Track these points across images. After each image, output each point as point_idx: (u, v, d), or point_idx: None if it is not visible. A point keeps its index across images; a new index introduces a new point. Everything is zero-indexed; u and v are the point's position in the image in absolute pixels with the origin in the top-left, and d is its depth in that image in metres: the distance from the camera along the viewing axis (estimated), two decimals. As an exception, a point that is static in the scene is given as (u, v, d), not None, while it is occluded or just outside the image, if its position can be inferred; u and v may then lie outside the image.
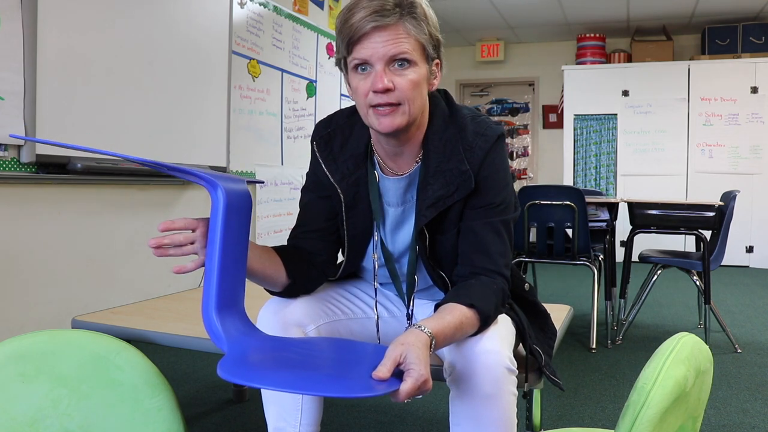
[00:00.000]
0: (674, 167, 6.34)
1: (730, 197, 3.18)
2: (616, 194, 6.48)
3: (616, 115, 6.49)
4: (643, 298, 3.32)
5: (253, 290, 1.21)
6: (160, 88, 3.02)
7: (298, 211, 1.35)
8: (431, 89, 1.20)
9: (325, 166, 1.27)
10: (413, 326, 1.01)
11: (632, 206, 3.28)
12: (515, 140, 7.78)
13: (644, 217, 3.24)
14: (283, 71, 4.17)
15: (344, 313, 1.34)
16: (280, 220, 4.14)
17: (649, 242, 4.62)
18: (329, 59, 4.75)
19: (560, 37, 7.21)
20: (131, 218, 3.02)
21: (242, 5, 3.72)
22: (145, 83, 2.93)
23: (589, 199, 3.23)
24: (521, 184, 7.31)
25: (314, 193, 1.31)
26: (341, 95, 4.95)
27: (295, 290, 1.25)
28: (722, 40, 6.31)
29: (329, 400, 2.02)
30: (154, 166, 0.97)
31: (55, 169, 2.53)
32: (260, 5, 3.90)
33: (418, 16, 1.12)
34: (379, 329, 1.35)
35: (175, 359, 2.78)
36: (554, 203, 3.10)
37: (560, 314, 1.74)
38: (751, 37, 6.21)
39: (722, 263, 3.58)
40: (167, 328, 1.61)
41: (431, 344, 0.99)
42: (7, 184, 2.41)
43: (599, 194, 4.07)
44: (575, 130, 6.65)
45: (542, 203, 3.12)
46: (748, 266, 6.15)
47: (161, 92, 3.03)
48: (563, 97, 6.74)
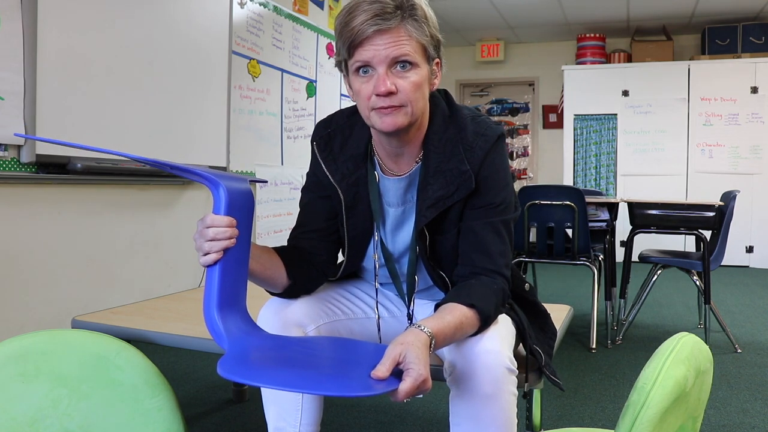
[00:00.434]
0: (674, 167, 6.34)
1: (730, 197, 3.18)
2: (616, 194, 6.48)
3: (616, 115, 6.49)
4: (643, 298, 3.32)
5: (253, 290, 1.21)
6: (160, 88, 3.02)
7: (298, 211, 1.36)
8: (432, 89, 1.20)
9: (325, 166, 1.27)
10: (413, 326, 1.01)
11: (632, 206, 3.28)
12: (515, 140, 7.78)
13: (644, 217, 3.24)
14: (283, 71, 4.17)
15: (344, 313, 1.34)
16: (280, 220, 4.14)
17: (649, 242, 4.63)
18: (329, 59, 4.74)
19: (560, 37, 7.21)
20: (131, 218, 3.02)
21: (242, 5, 3.72)
22: (145, 83, 2.93)
23: (589, 199, 3.23)
24: (521, 184, 7.31)
25: (314, 193, 1.31)
26: (341, 95, 4.95)
27: (295, 291, 1.26)
28: (722, 40, 6.31)
29: (329, 400, 2.02)
30: (156, 165, 0.97)
31: (55, 169, 2.53)
32: (260, 5, 3.90)
33: (418, 17, 1.12)
34: (380, 329, 1.35)
35: (175, 359, 2.78)
36: (554, 203, 3.10)
37: (560, 314, 1.74)
38: (751, 37, 6.21)
39: (722, 263, 3.58)
40: (167, 328, 1.62)
41: (431, 344, 0.99)
42: (7, 184, 2.42)
43: (599, 194, 4.07)
44: (575, 130, 6.65)
45: (542, 203, 3.12)
46: (748, 266, 6.15)
47: (161, 92, 3.03)
48: (563, 97, 6.74)
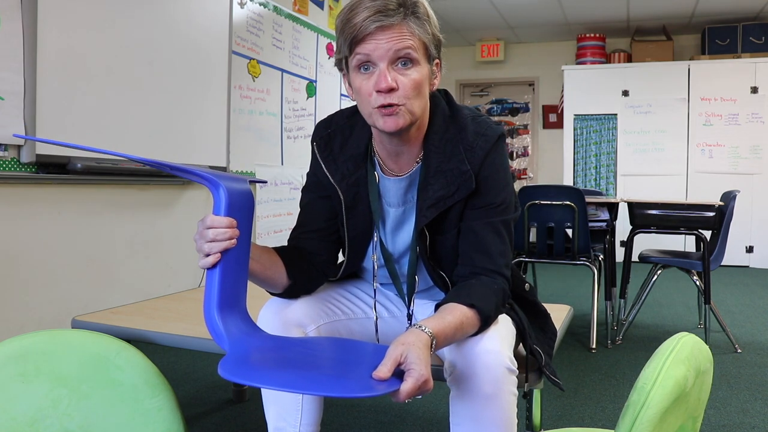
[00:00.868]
0: (674, 167, 6.34)
1: (730, 197, 3.18)
2: (616, 194, 6.48)
3: (616, 115, 6.49)
4: (643, 298, 3.32)
5: (253, 290, 1.21)
6: (160, 88, 3.02)
7: (298, 211, 1.36)
8: (432, 89, 1.20)
9: (325, 166, 1.27)
10: (414, 326, 1.01)
11: (632, 206, 3.28)
12: (515, 140, 7.78)
13: (644, 217, 3.24)
14: (283, 71, 4.17)
15: (344, 313, 1.34)
16: (280, 220, 4.13)
17: (649, 242, 4.63)
18: (329, 59, 4.74)
19: (560, 37, 7.21)
20: (131, 218, 3.02)
21: (242, 5, 3.72)
22: (145, 83, 2.93)
23: (589, 199, 3.23)
24: (521, 184, 7.31)
25: (314, 193, 1.31)
26: (341, 95, 4.95)
27: (295, 291, 1.25)
28: (722, 40, 6.31)
29: (329, 400, 2.02)
30: (156, 165, 0.97)
31: (55, 169, 2.53)
32: (260, 5, 3.90)
33: (420, 15, 1.12)
34: (378, 329, 1.35)
35: (175, 359, 2.78)
36: (554, 203, 3.10)
37: (560, 314, 1.74)
38: (751, 37, 6.21)
39: (722, 263, 3.58)
40: (167, 328, 1.61)
41: (432, 344, 0.99)
42: (7, 184, 2.41)
43: (599, 194, 4.07)
44: (575, 130, 6.65)
45: (542, 203, 3.12)
46: (748, 266, 6.15)
47: (161, 92, 3.03)
48: (563, 97, 6.74)
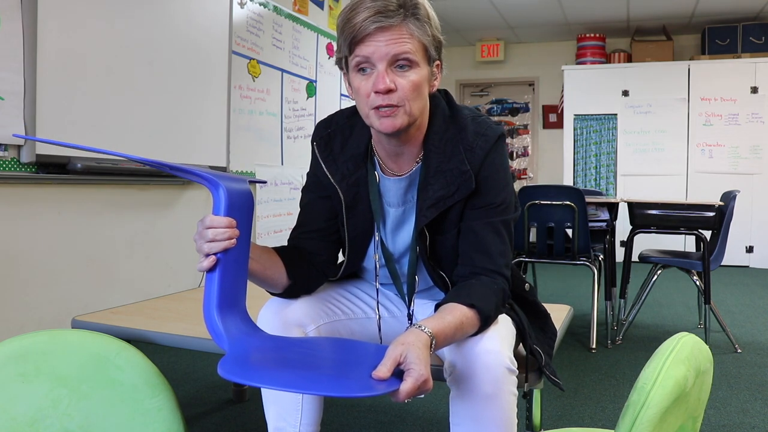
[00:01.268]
0: (674, 167, 6.34)
1: (730, 197, 3.18)
2: (616, 194, 6.48)
3: (616, 115, 6.49)
4: (643, 298, 3.32)
5: (254, 290, 1.21)
6: (160, 88, 3.02)
7: (298, 211, 1.35)
8: (432, 90, 1.20)
9: (325, 166, 1.27)
10: (413, 326, 1.01)
11: (632, 206, 3.28)
12: (515, 140, 7.78)
13: (644, 217, 3.24)
14: (283, 71, 4.17)
15: (345, 313, 1.34)
16: (280, 220, 4.13)
17: (649, 242, 4.62)
18: (329, 59, 4.74)
19: (560, 37, 7.21)
20: (131, 218, 3.02)
21: (242, 5, 3.72)
22: (145, 83, 2.93)
23: (589, 199, 3.23)
24: (521, 184, 7.31)
25: (314, 193, 1.31)
26: (341, 95, 4.95)
27: (295, 291, 1.25)
28: (722, 40, 6.31)
29: (329, 400, 2.02)
30: (156, 165, 0.97)
31: (55, 169, 2.53)
32: (260, 5, 3.90)
33: (421, 17, 1.11)
34: (381, 329, 1.35)
35: (175, 359, 2.78)
36: (554, 203, 3.10)
37: (560, 314, 1.74)
38: (751, 37, 6.21)
39: (722, 263, 3.58)
40: (167, 328, 1.61)
41: (431, 344, 0.99)
42: (7, 184, 2.41)
43: (599, 194, 4.07)
44: (575, 130, 6.65)
45: (542, 203, 3.12)
46: (748, 266, 6.15)
47: (161, 92, 3.03)
48: (563, 97, 6.74)
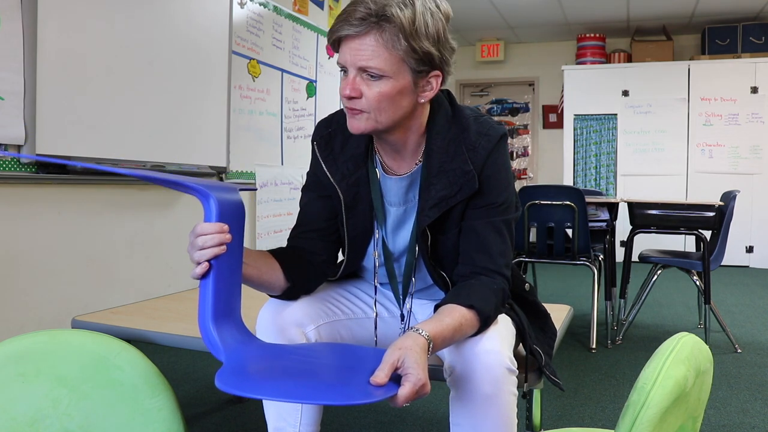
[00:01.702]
0: (674, 167, 6.34)
1: (730, 197, 3.18)
2: (616, 194, 6.48)
3: (616, 115, 6.49)
4: (643, 298, 3.32)
5: (252, 290, 1.21)
6: (160, 88, 3.02)
7: (298, 211, 1.35)
8: (424, 100, 1.17)
9: (325, 166, 1.27)
10: (411, 329, 1.01)
11: (632, 206, 3.28)
12: (515, 140, 7.78)
13: (644, 217, 3.24)
14: (283, 71, 4.17)
15: (344, 313, 1.33)
16: (280, 220, 4.13)
17: (649, 242, 4.62)
18: (329, 59, 4.74)
19: (560, 37, 7.20)
20: (131, 218, 3.01)
21: (242, 5, 3.72)
22: (145, 83, 2.93)
23: (589, 199, 3.23)
24: (521, 184, 7.30)
25: (314, 192, 1.31)
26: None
27: (294, 292, 1.25)
28: (722, 40, 6.31)
29: (329, 400, 2.02)
30: (145, 178, 0.96)
31: (55, 169, 2.52)
32: (260, 5, 3.90)
33: (392, 29, 1.07)
34: (377, 328, 1.35)
35: (175, 359, 2.78)
36: (554, 203, 3.10)
37: (560, 314, 1.74)
38: (751, 37, 6.21)
39: (722, 263, 3.58)
40: (167, 328, 1.61)
41: (429, 347, 0.99)
42: (7, 184, 2.41)
43: (599, 194, 4.07)
44: (575, 130, 6.65)
45: (542, 203, 3.12)
46: (748, 266, 6.15)
47: (161, 92, 3.03)
48: (563, 97, 6.74)
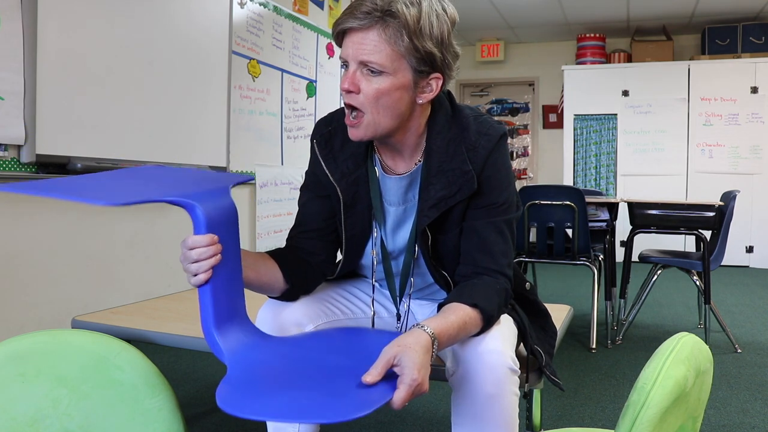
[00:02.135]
0: (674, 167, 6.34)
1: (730, 197, 3.18)
2: (616, 194, 6.48)
3: (616, 115, 6.49)
4: (643, 298, 3.32)
5: (252, 291, 1.21)
6: (160, 88, 3.02)
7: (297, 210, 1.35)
8: (423, 101, 1.16)
9: (324, 164, 1.27)
10: (415, 326, 1.01)
11: (632, 206, 3.28)
12: (515, 140, 7.78)
13: (644, 217, 3.24)
14: (283, 71, 4.17)
15: (343, 312, 1.33)
16: (279, 220, 4.13)
17: (649, 242, 4.62)
18: (329, 59, 4.74)
19: (560, 37, 7.20)
20: (131, 218, 3.01)
21: (242, 5, 3.72)
22: (145, 83, 2.93)
23: (589, 199, 3.23)
24: (521, 184, 7.30)
25: (313, 192, 1.31)
26: (341, 95, 4.94)
27: (294, 293, 1.25)
28: (722, 40, 6.31)
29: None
30: (131, 204, 0.93)
31: (55, 169, 2.52)
32: (260, 5, 3.90)
33: (396, 25, 1.08)
34: (374, 326, 1.35)
35: (175, 359, 2.78)
36: (554, 203, 3.10)
37: (560, 314, 1.74)
38: (751, 37, 6.20)
39: (722, 263, 3.58)
40: (167, 328, 1.61)
41: (433, 344, 0.99)
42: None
43: (599, 194, 4.07)
44: (575, 130, 6.65)
45: (542, 203, 3.12)
46: (748, 266, 6.14)
47: (161, 92, 3.03)
48: (563, 97, 6.74)
